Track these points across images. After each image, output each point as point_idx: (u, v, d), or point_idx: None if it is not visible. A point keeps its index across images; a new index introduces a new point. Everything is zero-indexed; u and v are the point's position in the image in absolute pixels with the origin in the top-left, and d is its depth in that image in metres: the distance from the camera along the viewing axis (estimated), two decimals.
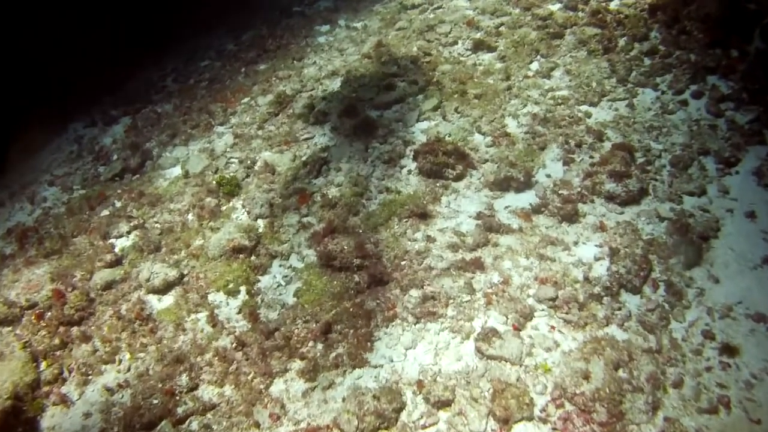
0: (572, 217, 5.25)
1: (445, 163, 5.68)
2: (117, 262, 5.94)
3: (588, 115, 6.21)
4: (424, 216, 5.40)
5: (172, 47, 9.91)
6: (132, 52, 9.37)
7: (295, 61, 8.11)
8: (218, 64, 8.58)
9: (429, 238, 5.22)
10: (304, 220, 5.72)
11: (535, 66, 6.93)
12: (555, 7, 7.69)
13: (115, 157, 7.56)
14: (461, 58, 7.24)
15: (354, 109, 6.63)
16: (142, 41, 9.48)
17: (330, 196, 5.80)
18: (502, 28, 7.57)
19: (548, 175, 5.64)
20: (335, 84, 7.24)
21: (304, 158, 6.32)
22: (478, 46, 7.28)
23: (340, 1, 9.89)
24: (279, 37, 8.80)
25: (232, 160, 6.67)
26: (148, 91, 8.63)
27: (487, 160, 5.84)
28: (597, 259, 4.94)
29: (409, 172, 5.90)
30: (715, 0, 6.71)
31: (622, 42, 7.02)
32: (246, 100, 7.46)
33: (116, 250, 6.07)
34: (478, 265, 4.93)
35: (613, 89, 6.48)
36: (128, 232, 6.30)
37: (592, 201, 5.38)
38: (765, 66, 6.05)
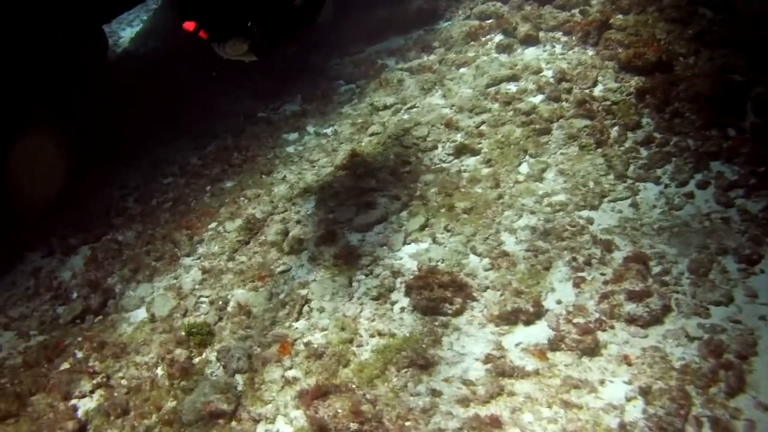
0: (593, 350, 4.59)
1: (442, 297, 5.00)
2: (81, 430, 5.14)
3: (590, 221, 5.63)
4: (426, 364, 4.69)
5: (132, 160, 9.19)
6: (88, 166, 8.63)
7: (263, 176, 7.47)
8: (182, 182, 7.91)
9: (434, 392, 4.52)
10: (288, 374, 4.98)
11: (525, 168, 6.35)
12: (537, 100, 7.18)
13: (74, 295, 6.81)
14: (444, 165, 6.65)
15: (332, 234, 5.98)
16: (99, 154, 8.75)
17: (315, 345, 5.07)
18: (483, 127, 7.01)
19: (559, 301, 4.99)
20: (309, 204, 6.60)
21: (281, 296, 5.61)
22: (461, 150, 6.72)
23: (306, 104, 9.31)
24: (244, 148, 8.16)
25: (202, 299, 5.98)
26: (108, 212, 7.94)
27: (487, 287, 5.19)
28: (629, 400, 4.26)
29: (402, 309, 5.22)
30: (702, 77, 6.37)
31: (614, 133, 6.50)
32: (213, 225, 6.78)
33: (79, 413, 5.30)
34: (495, 423, 4.22)
35: (612, 188, 5.92)
36: (91, 391, 5.50)
37: (612, 327, 4.74)
38: (766, 143, 5.59)
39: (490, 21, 9.51)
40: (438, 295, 4.93)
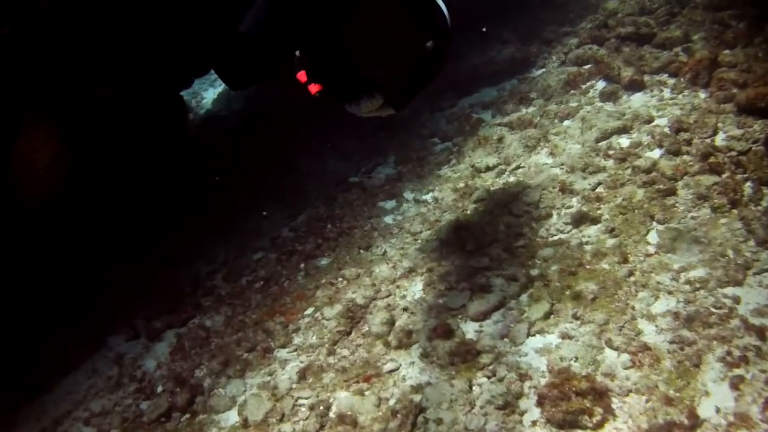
0: None
1: (580, 408, 4.37)
2: None
3: (737, 300, 4.94)
4: None
5: (219, 231, 8.89)
6: (174, 238, 8.54)
7: (361, 251, 7.01)
8: (273, 257, 7.51)
9: None
10: None
11: (653, 237, 5.71)
12: (655, 154, 6.54)
13: (159, 389, 6.43)
14: (562, 237, 6.07)
15: (445, 325, 5.42)
16: (184, 225, 8.63)
17: None
18: (600, 190, 6.41)
19: (717, 409, 4.28)
20: (416, 286, 6.09)
21: (391, 402, 5.06)
22: (579, 219, 6.10)
23: (401, 166, 8.86)
24: (339, 218, 7.73)
25: (300, 402, 5.47)
26: (195, 290, 7.65)
27: (630, 391, 4.53)
28: None
29: (534, 423, 4.59)
30: None
31: (747, 189, 5.82)
32: (309, 311, 6.33)
33: None
34: None
35: (755, 257, 5.24)
36: None
37: None
38: None
39: (589, 66, 8.93)
40: (576, 405, 4.30)
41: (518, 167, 7.30)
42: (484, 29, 8.11)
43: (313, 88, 3.88)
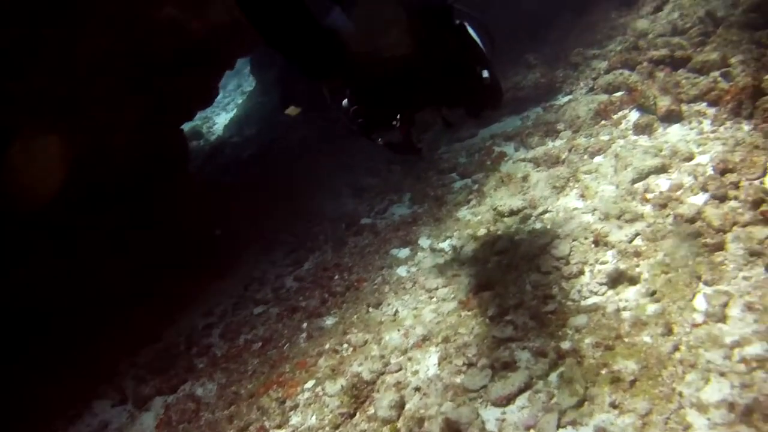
0: None
1: None
2: None
3: None
4: None
5: (221, 276, 8.24)
6: (171, 284, 7.88)
7: (371, 309, 6.28)
8: (275, 313, 6.85)
9: None
10: None
11: (701, 303, 4.90)
12: (699, 200, 5.75)
13: None
14: (597, 300, 5.28)
15: (463, 413, 4.63)
16: (184, 267, 8.01)
17: None
18: (638, 242, 5.62)
19: None
20: (430, 359, 5.33)
21: None
22: (616, 278, 5.30)
23: (416, 205, 8.13)
24: (347, 269, 7.02)
25: None
26: (189, 347, 7.04)
27: None
28: None
29: None
30: None
31: None
32: (310, 384, 5.56)
33: None
34: None
35: None
36: None
37: None
38: None
39: (621, 94, 8.16)
40: None
41: (545, 212, 6.54)
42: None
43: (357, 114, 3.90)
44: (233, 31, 6.63)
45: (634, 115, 7.63)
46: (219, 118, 17.01)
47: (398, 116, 4.04)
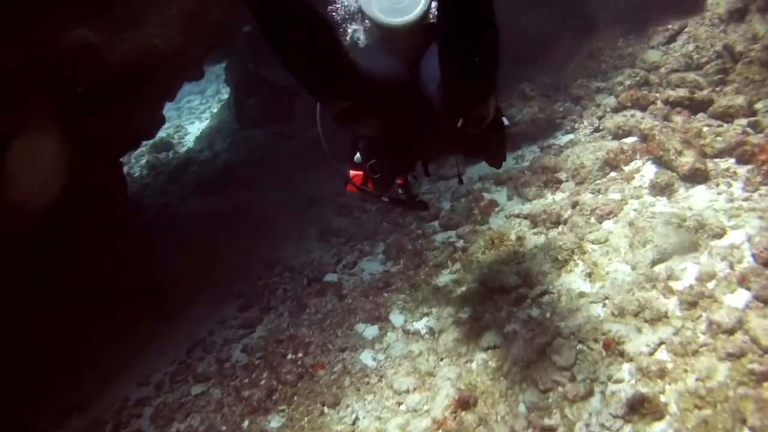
0: None
1: None
2: None
3: None
4: None
5: (162, 331, 7.32)
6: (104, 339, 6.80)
7: (326, 409, 5.06)
8: (215, 397, 5.80)
9: None
10: None
11: None
12: (739, 302, 4.55)
13: None
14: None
15: None
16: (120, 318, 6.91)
17: None
18: (663, 355, 4.40)
19: None
20: None
21: None
22: (634, 407, 4.13)
23: (391, 262, 7.01)
24: (303, 347, 5.90)
25: None
26: (116, 428, 5.94)
27: None
28: None
29: None
30: None
31: None
32: None
33: None
34: None
35: None
36: None
37: None
38: None
39: (633, 141, 6.97)
40: None
41: (544, 293, 5.26)
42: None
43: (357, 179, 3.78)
44: (170, 56, 5.31)
45: (649, 170, 6.44)
46: (192, 127, 15.78)
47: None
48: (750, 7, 7.33)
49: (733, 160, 6.16)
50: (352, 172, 3.86)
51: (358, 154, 3.73)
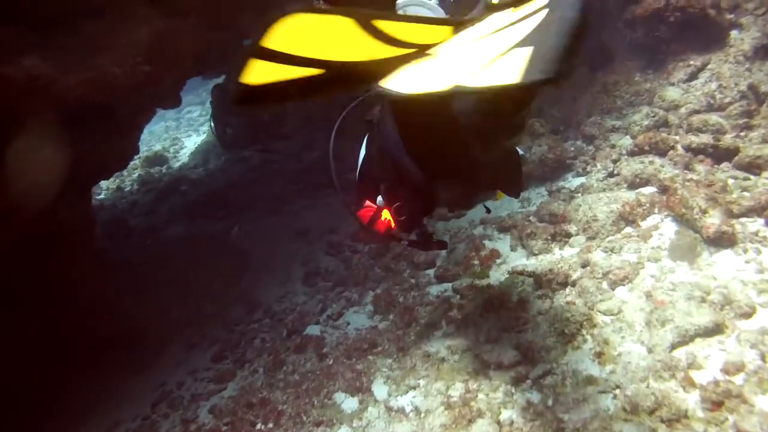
0: None
1: None
2: None
3: None
4: None
5: (130, 383, 6.77)
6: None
7: None
8: None
9: None
10: None
11: None
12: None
13: None
14: None
15: None
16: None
17: None
18: None
19: None
20: None
21: None
22: None
23: (379, 316, 6.42)
24: (275, 416, 5.32)
25: None
26: None
27: None
28: None
29: None
30: None
31: None
32: None
33: None
34: None
35: None
36: None
37: None
38: None
39: (651, 193, 6.28)
40: None
41: (547, 373, 4.57)
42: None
43: (381, 226, 3.56)
44: (132, 88, 4.67)
45: (669, 228, 5.79)
46: (189, 141, 15.21)
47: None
48: None
49: (762, 222, 5.50)
50: (368, 214, 3.61)
51: (379, 197, 3.55)
